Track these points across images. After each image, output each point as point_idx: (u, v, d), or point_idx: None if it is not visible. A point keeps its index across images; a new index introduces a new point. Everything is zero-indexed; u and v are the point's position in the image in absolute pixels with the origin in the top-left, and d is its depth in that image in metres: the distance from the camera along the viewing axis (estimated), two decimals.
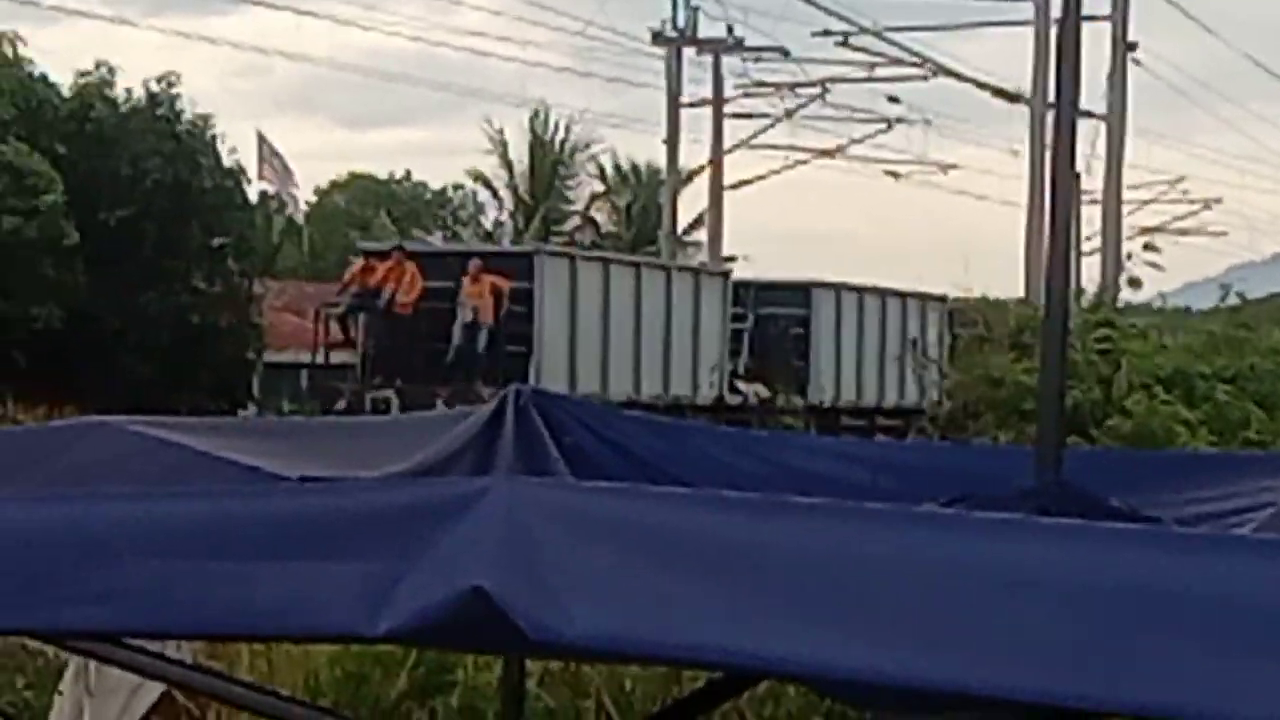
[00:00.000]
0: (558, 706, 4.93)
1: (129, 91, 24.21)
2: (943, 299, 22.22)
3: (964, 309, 18.05)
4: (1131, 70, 22.33)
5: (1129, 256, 19.40)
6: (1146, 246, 19.53)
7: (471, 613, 1.40)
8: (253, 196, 27.19)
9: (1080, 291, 13.37)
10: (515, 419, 2.86)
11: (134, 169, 23.33)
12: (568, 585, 1.40)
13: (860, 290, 23.33)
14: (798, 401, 20.60)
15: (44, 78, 23.78)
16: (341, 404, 17.16)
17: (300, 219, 33.95)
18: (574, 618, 1.37)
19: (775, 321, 21.83)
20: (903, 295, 23.36)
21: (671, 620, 1.40)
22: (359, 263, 19.04)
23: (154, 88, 24.29)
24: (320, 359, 19.49)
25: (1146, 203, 26.71)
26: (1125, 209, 23.48)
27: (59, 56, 32.16)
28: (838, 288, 22.95)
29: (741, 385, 21.32)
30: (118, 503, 1.81)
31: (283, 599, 1.53)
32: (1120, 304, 15.46)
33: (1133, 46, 22.59)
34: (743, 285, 22.93)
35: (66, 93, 24.24)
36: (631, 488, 2.01)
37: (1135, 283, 16.11)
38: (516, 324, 18.08)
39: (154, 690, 2.42)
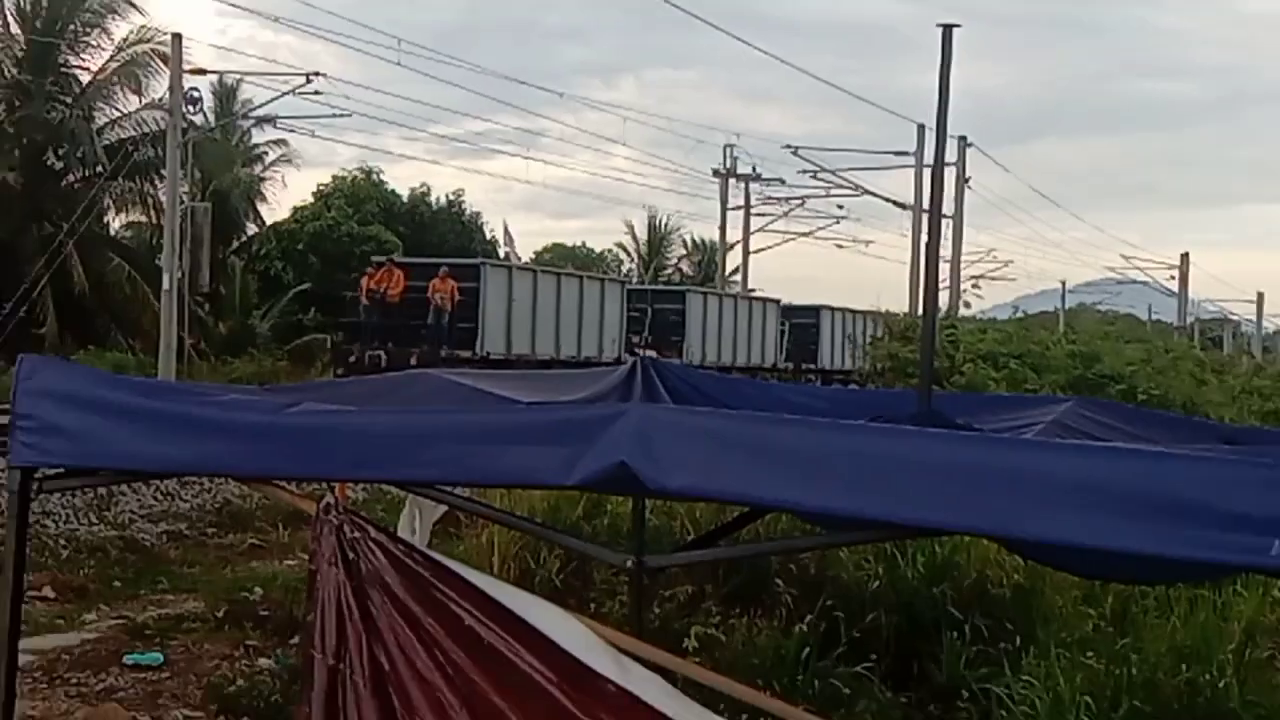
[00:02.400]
0: (662, 524, 7.86)
1: (438, 199, 42.72)
2: (776, 301, 38.32)
3: (879, 317, 29.72)
4: (967, 191, 38.15)
5: (964, 290, 37.12)
6: (974, 285, 39.28)
7: (619, 474, 2.42)
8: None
9: (939, 309, 21.12)
10: (641, 373, 4.40)
11: (440, 241, 38.93)
12: (669, 460, 2.41)
13: (719, 295, 37.59)
14: (676, 360, 29.06)
15: (393, 190, 41.20)
16: (352, 359, 25.32)
17: None
18: (672, 477, 2.43)
19: (664, 313, 33.38)
20: (749, 299, 38.62)
21: (725, 480, 2.47)
22: (370, 271, 26.75)
23: (451, 197, 42.99)
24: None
25: (974, 262, 44.34)
26: (962, 264, 39.16)
27: (402, 180, 51.46)
28: (704, 293, 36.74)
29: (640, 350, 29.77)
30: (436, 414, 3.06)
31: (523, 465, 2.62)
32: (961, 315, 30.27)
33: (967, 180, 37.44)
34: (639, 291, 35.97)
35: (405, 199, 41.58)
36: (705, 410, 3.24)
37: (967, 304, 35.17)
38: (467, 310, 26.05)
39: (442, 510, 3.86)
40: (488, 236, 44.53)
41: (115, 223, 34.53)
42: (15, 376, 2.66)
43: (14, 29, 29.99)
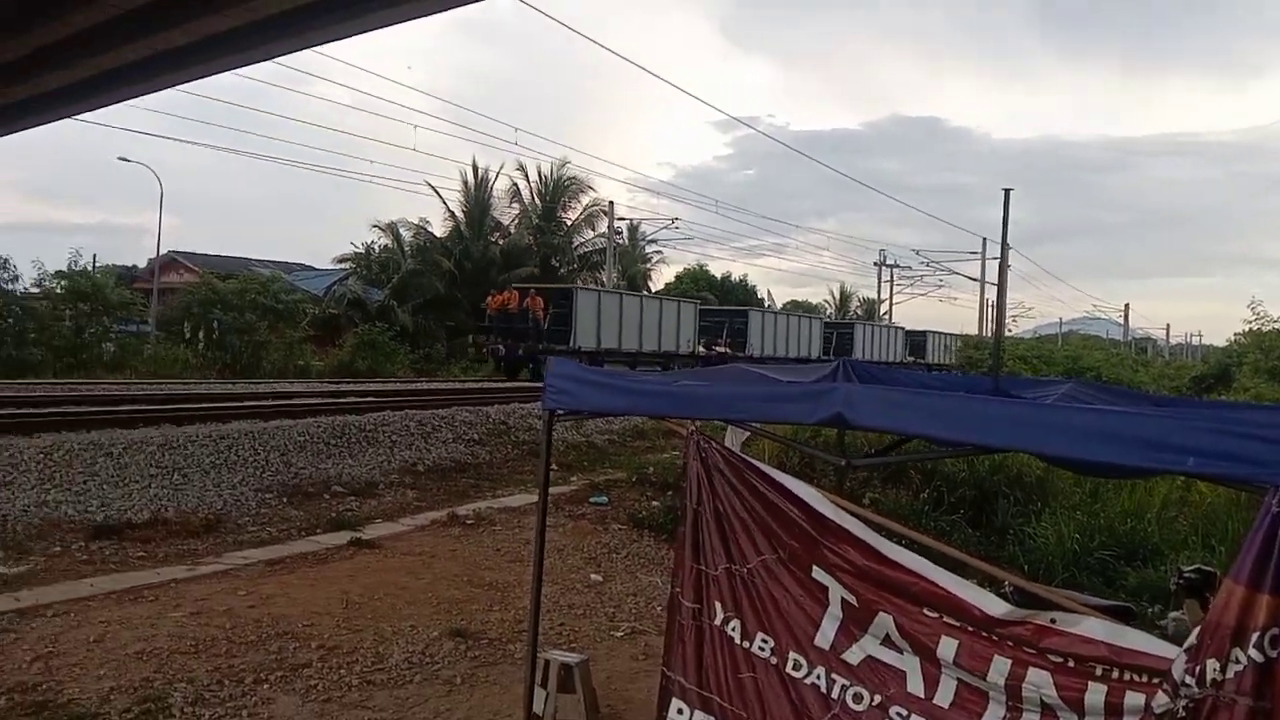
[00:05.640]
0: (848, 443, 9.29)
1: (735, 278, 71.36)
2: (820, 316, 63.48)
3: (958, 337, 63.33)
4: (1010, 270, 47.28)
5: (1009, 324, 50.66)
6: (1012, 320, 53.82)
7: (836, 419, 4.28)
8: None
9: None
10: (843, 367, 6.24)
11: (734, 300, 60.27)
12: (864, 409, 4.46)
13: (774, 312, 55.88)
14: (740, 354, 42.21)
15: (712, 274, 69.95)
16: (484, 351, 36.90)
17: None
18: (864, 419, 4.54)
19: (735, 323, 46.79)
20: (796, 315, 56.74)
21: (891, 421, 4.49)
22: (493, 293, 36.02)
23: (740, 278, 72.56)
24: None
25: (1012, 309, 62.25)
26: (1006, 309, 51.09)
27: (717, 269, 73.51)
28: (761, 310, 53.59)
29: (717, 348, 43.20)
30: (744, 385, 5.12)
31: (787, 411, 4.65)
32: (1006, 336, 48.45)
33: (1010, 265, 46.21)
34: (716, 310, 50.22)
35: (719, 278, 68.99)
36: (877, 385, 5.15)
37: (1009, 330, 51.48)
38: (561, 318, 34.94)
39: (746, 434, 5.99)
40: (758, 298, 71.77)
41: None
42: (548, 368, 5.17)
43: (535, 200, 55.06)
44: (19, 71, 21.36)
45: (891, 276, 75.11)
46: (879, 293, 75.52)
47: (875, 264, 74.27)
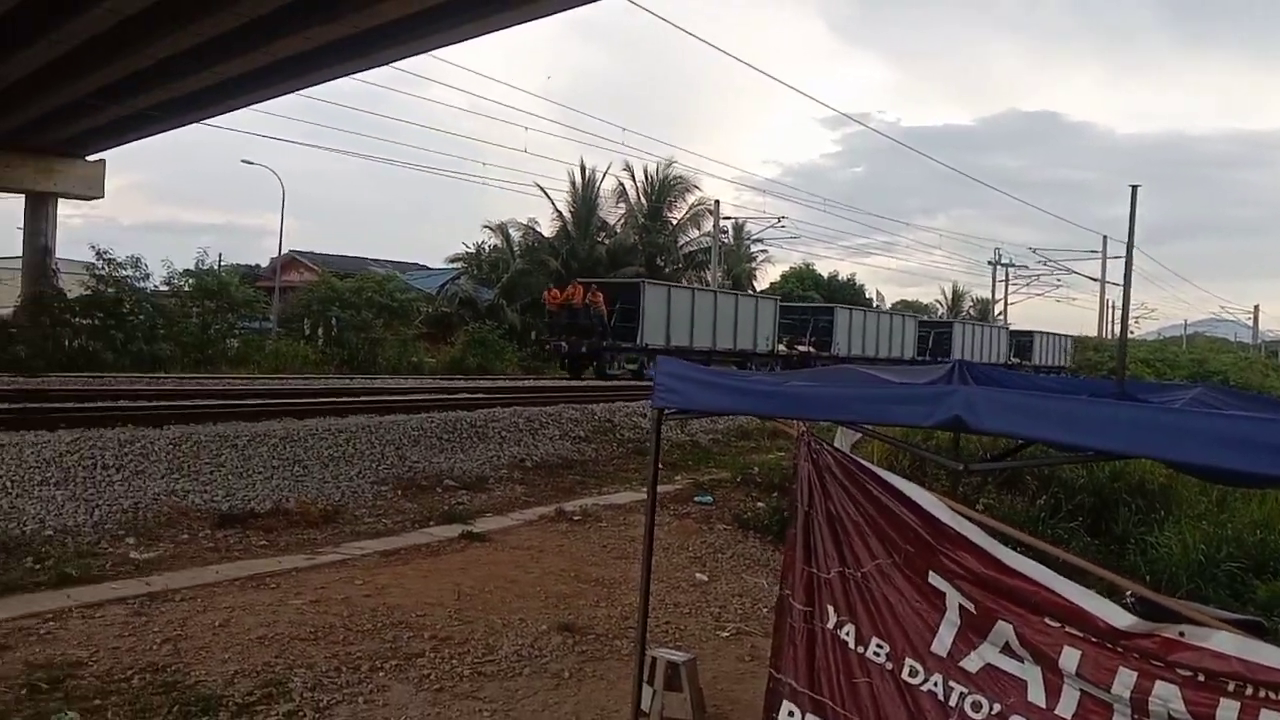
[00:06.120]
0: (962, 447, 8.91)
1: (843, 278, 70.71)
2: (915, 316, 56.79)
3: (1069, 338, 62.14)
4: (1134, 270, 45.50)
5: (1131, 325, 49.40)
6: (1135, 322, 53.61)
7: (954, 422, 4.17)
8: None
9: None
10: (958, 369, 6.01)
11: (842, 299, 56.55)
12: (985, 412, 4.42)
13: (863, 309, 50.95)
14: (824, 353, 41.79)
15: (819, 273, 69.23)
16: (548, 347, 35.00)
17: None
18: (983, 423, 4.45)
19: (820, 321, 44.52)
20: (888, 313, 54.95)
21: (1011, 424, 4.39)
22: (550, 288, 35.11)
23: (848, 277, 70.47)
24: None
25: (1135, 310, 66.05)
26: (1131, 311, 50.99)
27: (824, 268, 72.28)
28: (849, 308, 48.61)
29: (800, 347, 41.97)
30: (857, 387, 4.94)
31: (901, 413, 4.55)
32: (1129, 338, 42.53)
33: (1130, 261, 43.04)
34: (800, 307, 47.78)
35: (825, 277, 68.25)
36: (995, 388, 5.04)
37: (1132, 332, 55.05)
38: (629, 315, 33.60)
39: (858, 435, 5.93)
40: (865, 297, 70.24)
41: None
42: (656, 367, 5.16)
43: (641, 199, 54.91)
44: (143, 82, 22.31)
45: (1007, 275, 73.27)
46: (993, 292, 74.02)
47: (990, 263, 72.49)
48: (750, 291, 50.77)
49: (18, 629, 6.92)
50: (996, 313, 72.43)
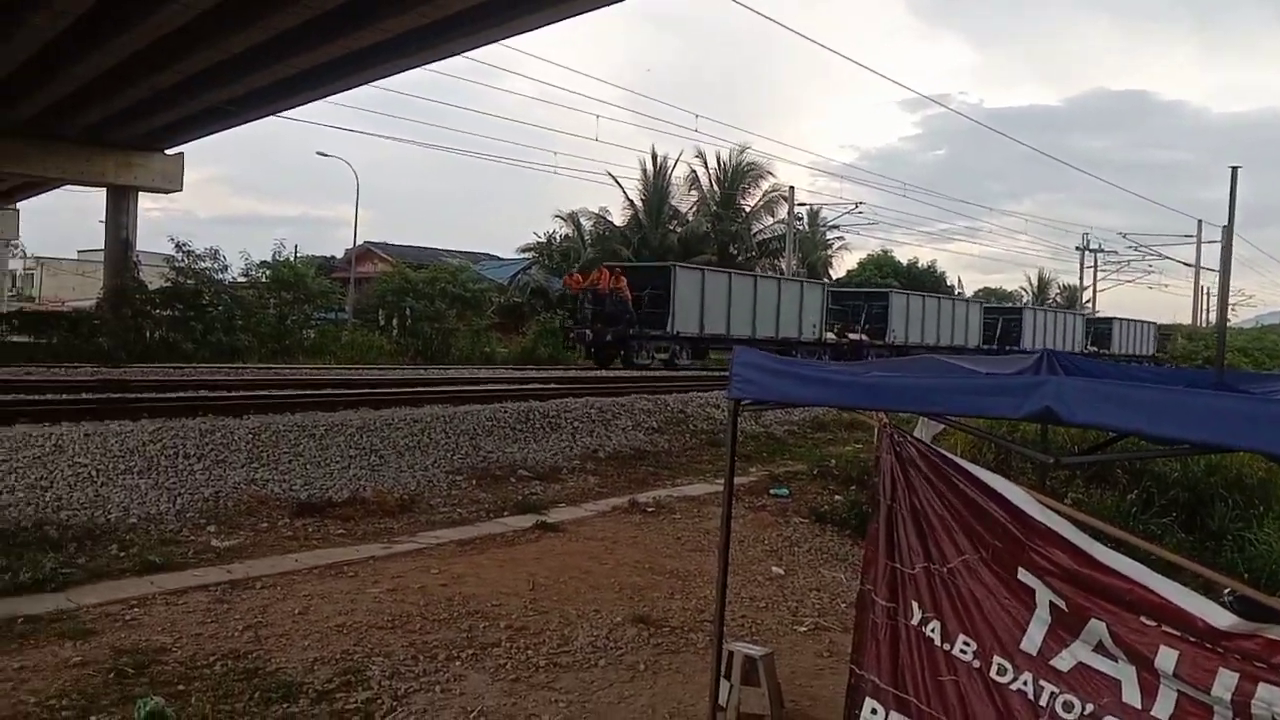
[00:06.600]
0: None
1: (923, 264, 70.08)
2: (980, 301, 55.34)
3: (1154, 325, 59.87)
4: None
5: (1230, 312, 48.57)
6: (1232, 309, 53.04)
7: (1045, 413, 3.90)
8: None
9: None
10: (1046, 359, 5.90)
11: (922, 287, 55.19)
12: (1077, 403, 4.28)
13: (921, 295, 46.56)
14: (879, 342, 40.68)
15: (898, 260, 69.03)
16: (572, 335, 32.91)
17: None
18: (1075, 415, 4.33)
19: (867, 306, 42.44)
20: (951, 299, 50.58)
21: (1105, 416, 4.31)
22: (570, 273, 35.77)
23: (928, 264, 69.84)
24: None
25: (1232, 297, 62.96)
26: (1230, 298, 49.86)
27: (903, 255, 72.54)
28: (905, 292, 45.85)
29: (851, 335, 40.24)
30: (942, 378, 4.80)
31: (988, 405, 4.50)
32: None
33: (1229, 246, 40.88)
34: (851, 292, 45.64)
35: (905, 264, 68.40)
36: (1087, 379, 4.94)
37: (1229, 320, 44.41)
38: (658, 301, 32.16)
39: (941, 427, 5.83)
40: (947, 284, 69.36)
41: None
42: (732, 357, 5.13)
43: (714, 187, 56.10)
44: (219, 76, 22.78)
45: (1095, 261, 71.84)
46: (1080, 279, 72.63)
47: (1077, 248, 71.53)
48: (772, 274, 47.57)
49: (104, 614, 7.13)
50: (1084, 300, 70.84)
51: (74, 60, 22.41)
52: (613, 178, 53.81)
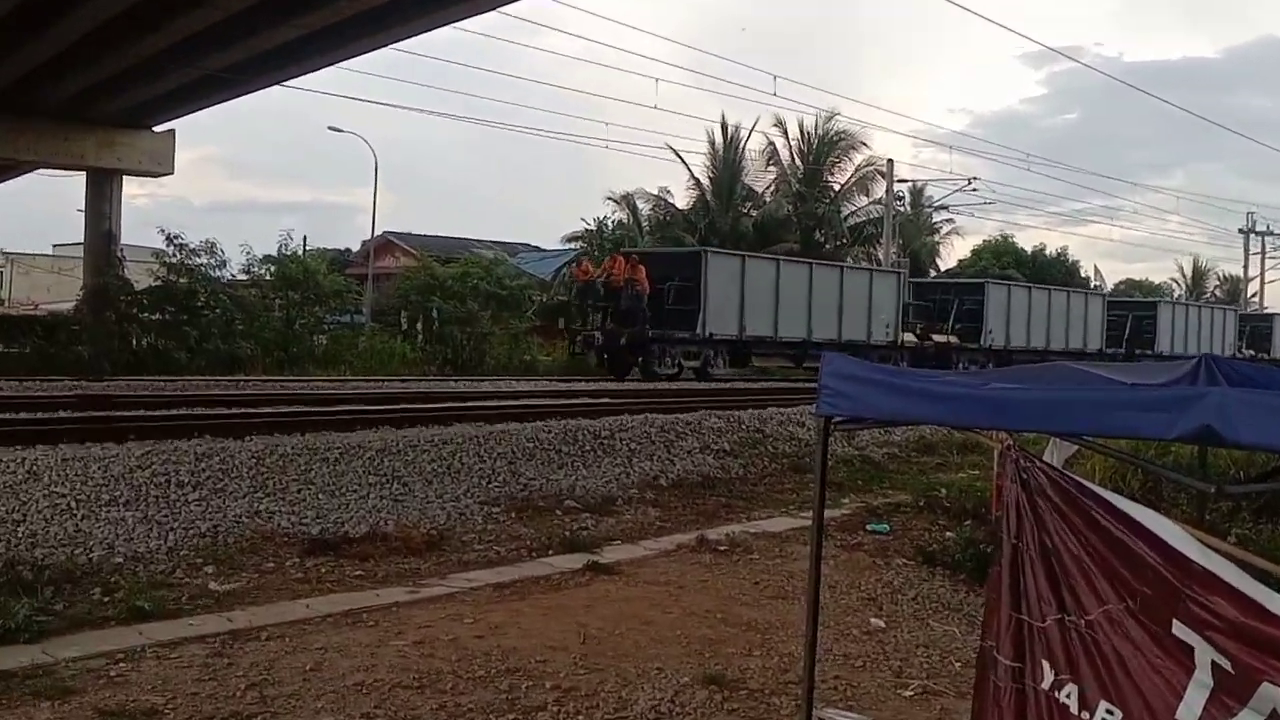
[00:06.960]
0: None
1: (1051, 252, 69.51)
2: (1101, 294, 55.42)
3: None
4: None
5: None
6: None
7: (1204, 433, 3.59)
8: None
9: None
10: (1204, 366, 5.79)
11: (1051, 280, 56.90)
12: (1243, 420, 4.15)
13: (1026, 287, 45.72)
14: (971, 345, 40.09)
15: (1021, 248, 68.66)
16: (579, 336, 32.13)
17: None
18: (1241, 435, 4.22)
19: (957, 301, 40.93)
20: (1067, 291, 47.98)
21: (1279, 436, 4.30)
22: (585, 262, 35.54)
23: (1058, 252, 69.58)
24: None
25: None
26: None
27: (1026, 241, 73.04)
28: (1008, 285, 44.86)
29: (935, 336, 39.29)
30: (1076, 391, 4.74)
31: (1133, 424, 4.36)
32: None
33: None
34: (934, 284, 46.06)
35: (1029, 252, 69.20)
36: (1262, 391, 4.81)
37: None
38: (687, 296, 31.01)
39: (1074, 448, 5.71)
40: (1081, 276, 68.73)
41: None
42: (821, 365, 5.11)
43: (796, 161, 56.13)
44: (215, 39, 23.16)
45: (1263, 246, 69.75)
46: (1245, 267, 70.45)
47: (1240, 230, 69.52)
48: (835, 262, 45.05)
49: (86, 670, 7.28)
50: (1250, 294, 68.74)
51: (47, 22, 22.87)
52: (674, 152, 53.84)
